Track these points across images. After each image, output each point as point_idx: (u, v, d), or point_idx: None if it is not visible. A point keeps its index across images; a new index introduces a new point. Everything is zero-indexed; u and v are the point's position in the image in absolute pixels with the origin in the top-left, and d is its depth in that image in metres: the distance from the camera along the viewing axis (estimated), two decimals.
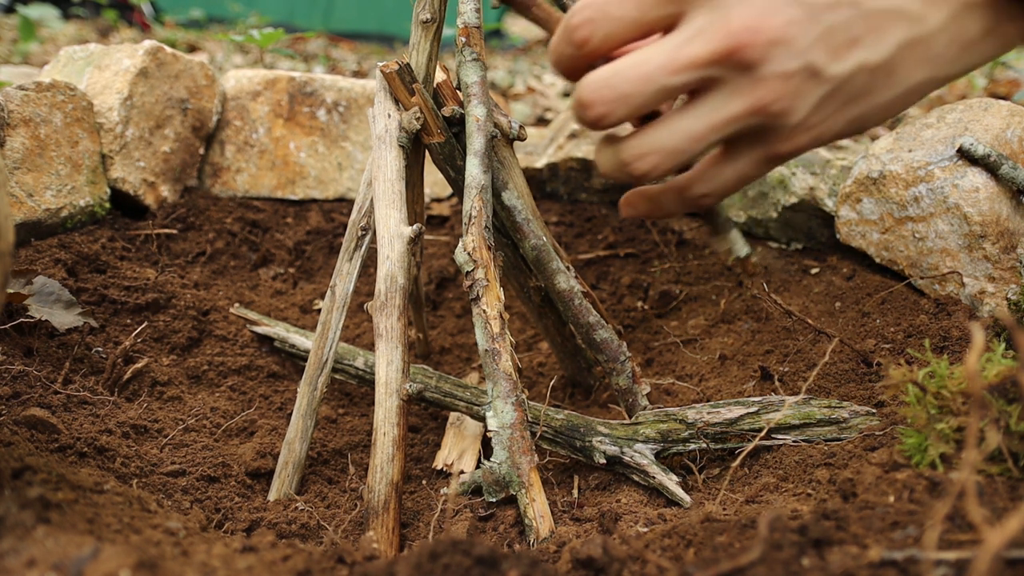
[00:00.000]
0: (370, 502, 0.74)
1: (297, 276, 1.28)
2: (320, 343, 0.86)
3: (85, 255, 1.07)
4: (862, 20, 0.53)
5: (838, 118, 0.56)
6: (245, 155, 1.32)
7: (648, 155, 0.57)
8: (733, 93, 0.54)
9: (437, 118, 0.84)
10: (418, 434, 0.98)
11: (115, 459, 0.78)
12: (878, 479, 0.58)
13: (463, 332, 1.21)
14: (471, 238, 0.78)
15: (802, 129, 0.56)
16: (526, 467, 0.73)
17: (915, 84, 0.56)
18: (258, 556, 0.55)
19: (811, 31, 0.52)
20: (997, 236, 0.89)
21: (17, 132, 1.05)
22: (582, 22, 0.56)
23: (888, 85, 0.55)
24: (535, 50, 5.20)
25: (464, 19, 0.84)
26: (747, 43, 0.52)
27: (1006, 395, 0.55)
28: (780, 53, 0.52)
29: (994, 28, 0.54)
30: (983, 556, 0.37)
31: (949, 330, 0.86)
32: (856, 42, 0.53)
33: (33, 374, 0.86)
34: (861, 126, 0.58)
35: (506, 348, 0.75)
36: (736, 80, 0.54)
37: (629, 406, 0.87)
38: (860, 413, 0.76)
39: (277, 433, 0.92)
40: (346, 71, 2.94)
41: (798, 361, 0.93)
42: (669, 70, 0.54)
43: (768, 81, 0.53)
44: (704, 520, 0.59)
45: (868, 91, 0.55)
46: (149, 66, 1.19)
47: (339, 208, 1.35)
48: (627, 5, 0.55)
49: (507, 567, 0.48)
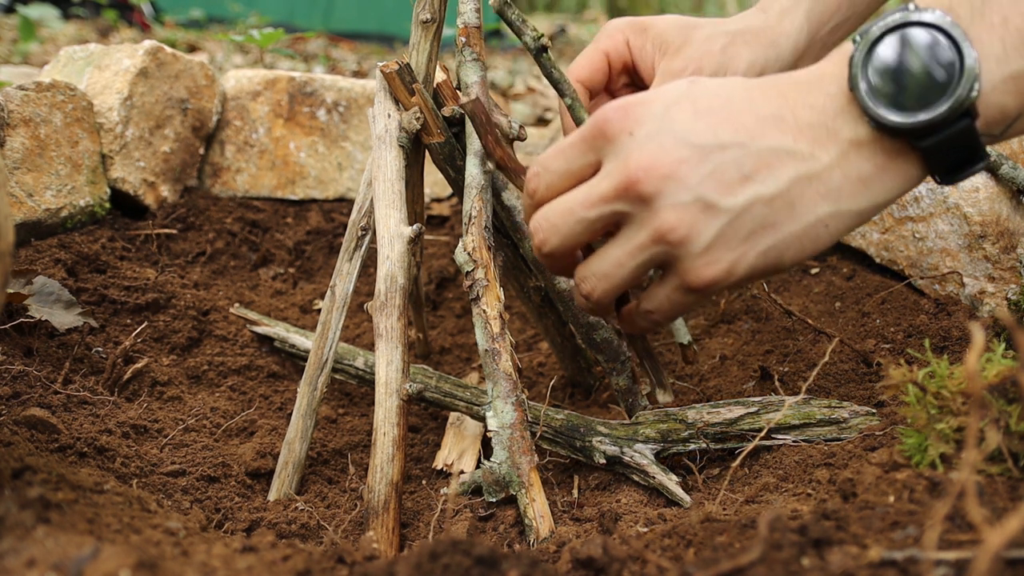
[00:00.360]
0: (370, 502, 0.74)
1: (297, 276, 1.28)
2: (320, 343, 0.86)
3: (85, 255, 1.07)
4: (752, 158, 0.59)
5: (747, 250, 0.61)
6: (245, 155, 1.32)
7: (587, 278, 0.67)
8: (639, 224, 0.62)
9: (437, 118, 0.84)
10: (418, 434, 0.98)
11: (115, 459, 0.78)
12: (878, 479, 0.58)
13: (463, 332, 1.21)
14: (471, 238, 0.78)
15: (709, 260, 0.61)
16: (526, 467, 0.73)
17: (821, 217, 0.60)
18: (258, 556, 0.55)
19: (701, 168, 0.59)
20: (997, 236, 0.89)
21: (17, 132, 1.05)
22: (531, 176, 0.69)
23: (791, 217, 0.60)
24: None
25: (464, 19, 0.84)
26: (642, 179, 0.59)
27: (1006, 395, 0.56)
28: (673, 187, 0.59)
29: (887, 164, 0.59)
30: (983, 556, 0.37)
31: (949, 330, 0.86)
32: (748, 178, 0.59)
33: (33, 374, 0.86)
34: (778, 259, 0.62)
35: (506, 348, 0.75)
36: (640, 213, 0.61)
37: (629, 406, 0.87)
38: (860, 413, 0.76)
39: (277, 433, 0.92)
40: (346, 71, 2.94)
41: (798, 361, 0.94)
42: (585, 205, 0.63)
43: (664, 211, 0.60)
44: (704, 520, 0.59)
45: (771, 223, 0.60)
46: (149, 66, 1.20)
47: (339, 208, 1.35)
48: (559, 159, 0.66)
49: (507, 567, 0.48)
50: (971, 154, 0.58)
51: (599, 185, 0.63)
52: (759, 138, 0.60)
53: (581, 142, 0.65)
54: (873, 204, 0.61)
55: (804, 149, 0.59)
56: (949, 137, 0.56)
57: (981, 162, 0.58)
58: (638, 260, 0.63)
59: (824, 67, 0.61)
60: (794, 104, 0.60)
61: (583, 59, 0.89)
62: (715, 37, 0.81)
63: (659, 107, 0.62)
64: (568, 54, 4.88)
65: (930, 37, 0.56)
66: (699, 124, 0.61)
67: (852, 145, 0.59)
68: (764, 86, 0.62)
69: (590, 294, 0.68)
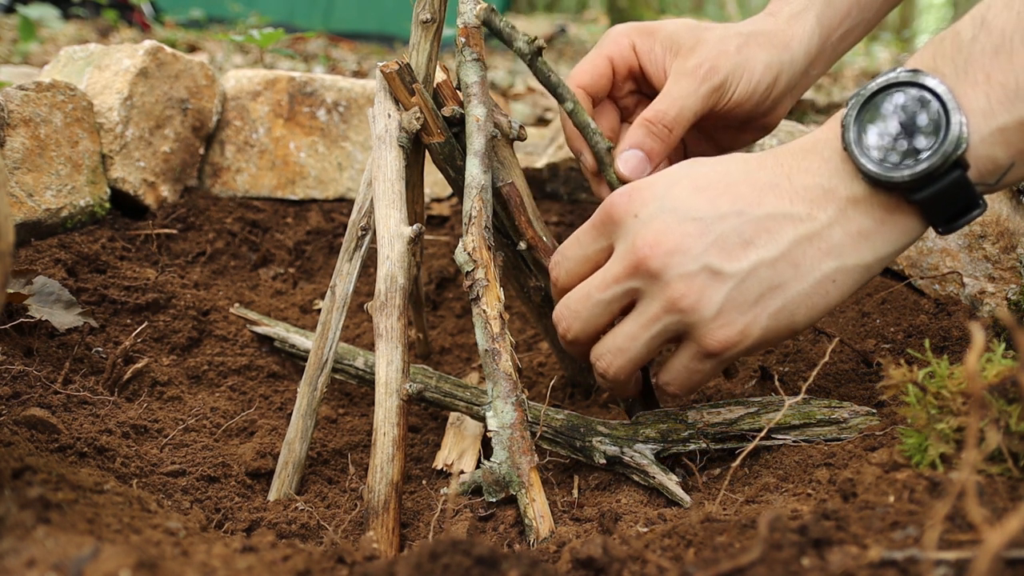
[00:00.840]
0: (370, 502, 0.74)
1: (297, 276, 1.28)
2: (320, 343, 0.86)
3: (85, 255, 1.07)
4: (751, 224, 0.63)
5: (759, 312, 0.64)
6: (245, 155, 1.32)
7: (604, 354, 0.70)
8: (651, 298, 0.65)
9: (437, 118, 0.84)
10: (418, 434, 0.98)
11: (115, 459, 0.78)
12: (878, 479, 0.58)
13: (463, 332, 1.21)
14: (471, 238, 0.78)
15: (722, 323, 0.64)
16: (526, 467, 0.73)
17: (827, 273, 0.63)
18: (258, 556, 0.55)
19: (704, 239, 0.63)
20: (997, 236, 0.89)
21: (17, 132, 1.05)
22: (552, 266, 0.75)
23: (797, 276, 0.63)
24: None
25: (464, 19, 0.84)
26: (649, 256, 0.64)
27: (1006, 395, 0.55)
28: (679, 260, 0.63)
29: (886, 218, 0.61)
30: (983, 556, 0.37)
31: (949, 330, 0.86)
32: (749, 243, 0.63)
33: (33, 374, 0.86)
34: (791, 319, 0.65)
35: (506, 348, 0.75)
36: (651, 287, 0.65)
37: (629, 406, 0.87)
38: (860, 413, 0.76)
39: (277, 433, 0.92)
40: (346, 71, 2.94)
41: (798, 361, 0.94)
42: (600, 287, 0.68)
43: (673, 283, 0.63)
44: (704, 520, 0.59)
45: (778, 284, 0.63)
46: (149, 66, 1.20)
47: (339, 208, 1.35)
48: (575, 246, 0.73)
49: (507, 567, 0.48)
50: (967, 203, 0.60)
51: (611, 268, 0.67)
52: (757, 205, 0.63)
53: (592, 228, 0.70)
54: (877, 257, 0.63)
55: (802, 211, 0.62)
56: (942, 189, 0.58)
57: (977, 209, 0.61)
58: (652, 332, 0.66)
59: (819, 134, 0.64)
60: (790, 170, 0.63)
61: (586, 64, 0.88)
62: (729, 38, 0.81)
63: (661, 188, 0.66)
64: (568, 54, 4.88)
65: (918, 94, 0.59)
66: (699, 199, 0.64)
67: (850, 202, 0.61)
68: (761, 157, 0.65)
69: (606, 371, 0.70)
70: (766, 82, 0.81)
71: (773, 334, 0.65)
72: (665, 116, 0.80)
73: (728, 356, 0.66)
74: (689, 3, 9.09)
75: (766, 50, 0.81)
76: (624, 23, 0.92)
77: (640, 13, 6.06)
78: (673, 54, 0.84)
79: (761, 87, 0.81)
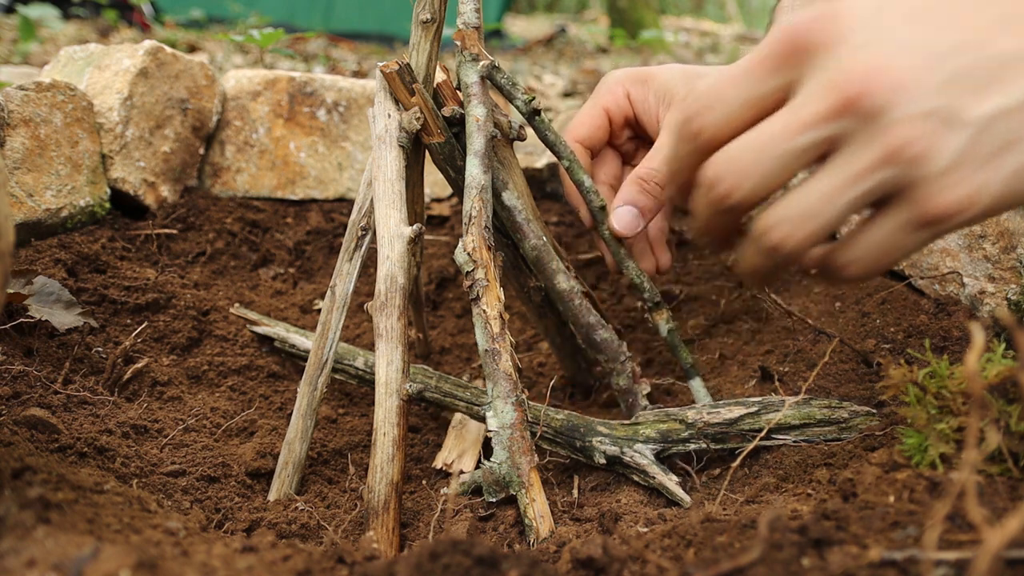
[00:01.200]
0: (370, 502, 0.74)
1: (297, 276, 1.28)
2: (320, 343, 0.86)
3: (85, 255, 1.07)
4: (987, 64, 0.51)
5: (992, 173, 0.52)
6: (245, 155, 1.32)
7: (781, 223, 0.55)
8: (863, 144, 0.52)
9: (437, 118, 0.84)
10: (418, 434, 0.98)
11: (115, 459, 0.78)
12: (878, 479, 0.58)
13: (463, 332, 1.21)
14: (471, 238, 0.78)
15: (952, 182, 0.51)
16: (526, 467, 0.73)
17: None
18: (258, 556, 0.55)
19: (936, 75, 0.50)
20: (997, 236, 0.89)
21: (17, 132, 1.05)
22: (692, 115, 0.57)
23: None
24: (535, 50, 5.20)
25: (464, 19, 0.84)
26: (868, 90, 0.50)
27: (1006, 395, 0.56)
28: (905, 97, 0.50)
29: None
30: (983, 556, 0.37)
31: (949, 330, 0.86)
32: (987, 86, 0.51)
33: (33, 374, 0.86)
34: None
35: (506, 348, 0.75)
36: (863, 130, 0.51)
37: (629, 406, 0.87)
38: (860, 413, 0.76)
39: (277, 433, 0.92)
40: (346, 71, 2.94)
41: (798, 361, 0.94)
42: (789, 133, 0.53)
43: (896, 126, 0.50)
44: (704, 520, 0.59)
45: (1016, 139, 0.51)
46: (149, 66, 1.20)
47: (339, 208, 1.35)
48: (733, 88, 0.55)
49: (507, 567, 0.48)
50: None
51: (806, 107, 0.53)
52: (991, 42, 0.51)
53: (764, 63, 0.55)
54: None
55: None
56: None
57: None
58: (858, 189, 0.53)
59: None
60: None
61: (583, 118, 0.88)
62: None
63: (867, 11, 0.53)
64: (568, 54, 4.88)
65: None
66: (920, 28, 0.52)
67: None
68: None
69: (782, 243, 0.55)
70: None
71: (1003, 203, 0.53)
72: (656, 175, 0.81)
73: (947, 226, 0.53)
74: (689, 3, 9.09)
75: None
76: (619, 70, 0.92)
77: (640, 13, 6.06)
78: (667, 105, 0.84)
79: None
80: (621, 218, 0.84)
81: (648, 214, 0.85)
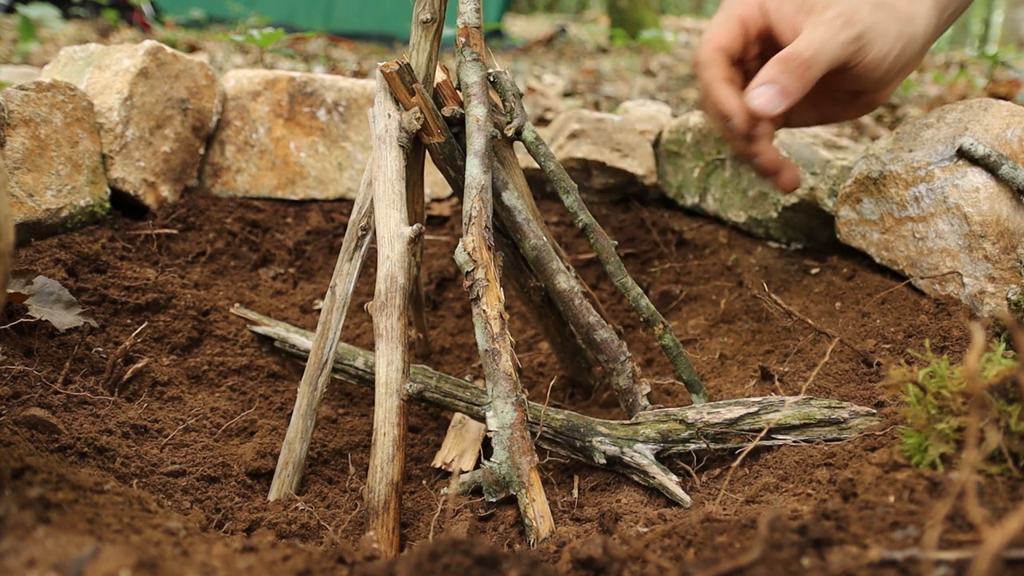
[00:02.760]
0: (370, 502, 0.74)
1: (297, 276, 1.28)
2: (320, 343, 0.86)
3: (85, 255, 1.07)
4: None
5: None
6: (245, 155, 1.32)
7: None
8: None
9: (437, 118, 0.84)
10: (418, 434, 0.98)
11: (115, 459, 0.78)
12: (878, 479, 0.58)
13: (463, 332, 1.21)
14: (471, 238, 0.78)
15: None
16: (526, 467, 0.73)
17: None
18: (258, 556, 0.55)
19: None
20: (997, 236, 0.89)
21: (17, 132, 1.05)
22: None
23: None
24: (535, 50, 5.20)
25: (464, 19, 0.84)
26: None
27: (1006, 395, 0.55)
28: None
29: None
30: (983, 556, 0.37)
31: (949, 330, 0.86)
32: None
33: (33, 374, 0.86)
34: None
35: (506, 348, 0.75)
36: None
37: (629, 406, 0.87)
38: (860, 413, 0.76)
39: (277, 433, 0.92)
40: (346, 71, 2.94)
41: (798, 361, 0.93)
42: None
43: None
44: (704, 520, 0.59)
45: None
46: (149, 66, 1.19)
47: (339, 208, 1.35)
48: None
49: (507, 567, 0.48)
50: None
51: None
52: None
53: None
54: None
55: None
56: None
57: None
58: None
59: None
60: None
61: (720, 27, 0.86)
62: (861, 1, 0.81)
63: None
64: (568, 54, 4.88)
65: None
66: None
67: None
68: None
69: None
70: (896, 50, 0.81)
71: None
72: (802, 54, 0.79)
73: None
74: (689, 3, 9.09)
75: (896, 20, 0.81)
76: None
77: (640, 13, 6.06)
78: (806, 12, 0.83)
79: (892, 54, 0.81)
80: (761, 95, 0.81)
81: (790, 96, 0.81)
